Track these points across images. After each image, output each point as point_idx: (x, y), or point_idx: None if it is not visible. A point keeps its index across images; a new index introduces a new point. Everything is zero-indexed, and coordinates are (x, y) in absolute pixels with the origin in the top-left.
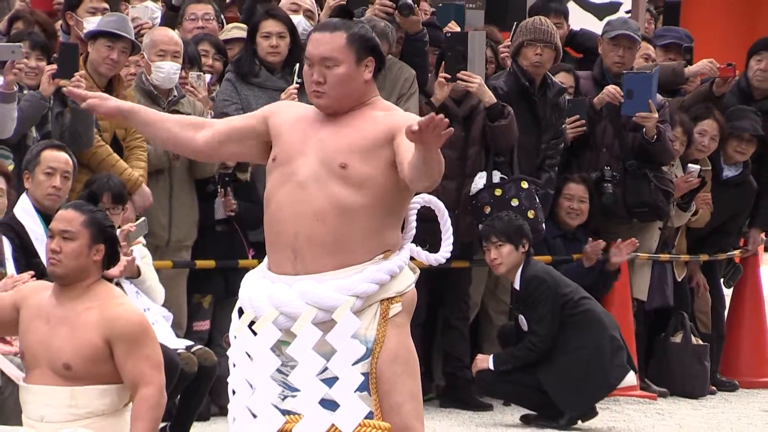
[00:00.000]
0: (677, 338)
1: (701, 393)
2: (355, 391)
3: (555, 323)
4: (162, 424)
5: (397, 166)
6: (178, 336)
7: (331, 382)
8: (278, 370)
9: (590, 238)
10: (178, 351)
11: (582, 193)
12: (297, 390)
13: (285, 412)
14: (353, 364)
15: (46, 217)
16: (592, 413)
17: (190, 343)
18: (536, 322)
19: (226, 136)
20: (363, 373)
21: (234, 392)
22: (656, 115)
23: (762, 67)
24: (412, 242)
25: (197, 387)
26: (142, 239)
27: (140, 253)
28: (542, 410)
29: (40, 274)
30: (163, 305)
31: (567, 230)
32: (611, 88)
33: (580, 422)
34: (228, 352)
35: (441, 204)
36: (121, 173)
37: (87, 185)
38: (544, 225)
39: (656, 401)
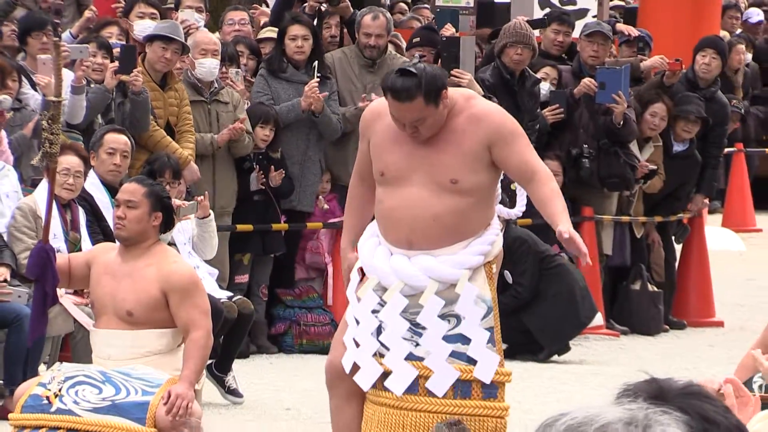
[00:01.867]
0: (636, 286)
1: (656, 331)
2: (486, 345)
3: (535, 275)
4: (209, 361)
5: (503, 169)
6: (221, 288)
7: (457, 337)
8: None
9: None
10: (222, 300)
11: (556, 168)
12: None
13: (416, 358)
14: (480, 320)
15: (110, 188)
16: (566, 348)
17: (231, 294)
18: (520, 275)
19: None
20: (488, 328)
21: (358, 344)
22: (625, 105)
23: (706, 62)
24: None
25: (238, 330)
26: (191, 216)
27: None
28: (525, 347)
29: (108, 236)
30: (209, 262)
31: None
32: (587, 81)
33: (556, 356)
34: (352, 310)
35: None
36: (173, 152)
37: (149, 163)
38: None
39: (619, 338)
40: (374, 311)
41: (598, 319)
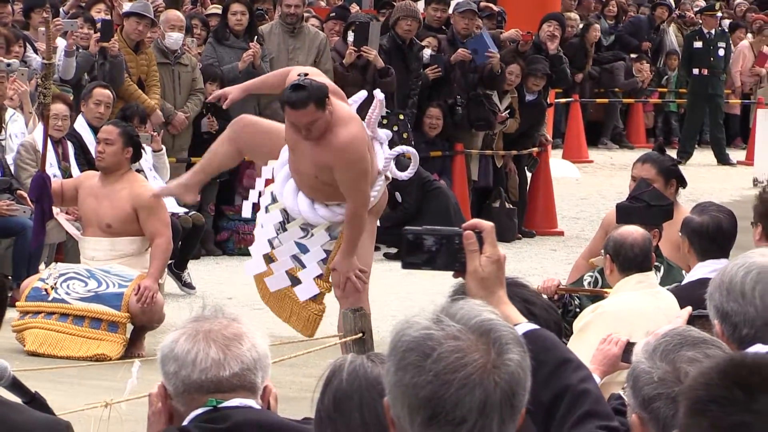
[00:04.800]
0: (496, 204)
1: (512, 239)
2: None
3: (418, 195)
4: (169, 262)
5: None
6: (179, 205)
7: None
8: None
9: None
10: (180, 214)
11: (438, 114)
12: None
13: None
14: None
15: (95, 129)
16: None
17: (187, 209)
18: (406, 195)
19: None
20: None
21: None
22: (498, 56)
23: (550, 30)
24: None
25: (192, 237)
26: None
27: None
28: None
29: (92, 166)
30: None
31: (428, 138)
32: (461, 50)
33: None
34: (260, 217)
35: (414, 150)
36: (143, 102)
37: (122, 110)
38: (413, 141)
39: None
40: (276, 227)
41: None
